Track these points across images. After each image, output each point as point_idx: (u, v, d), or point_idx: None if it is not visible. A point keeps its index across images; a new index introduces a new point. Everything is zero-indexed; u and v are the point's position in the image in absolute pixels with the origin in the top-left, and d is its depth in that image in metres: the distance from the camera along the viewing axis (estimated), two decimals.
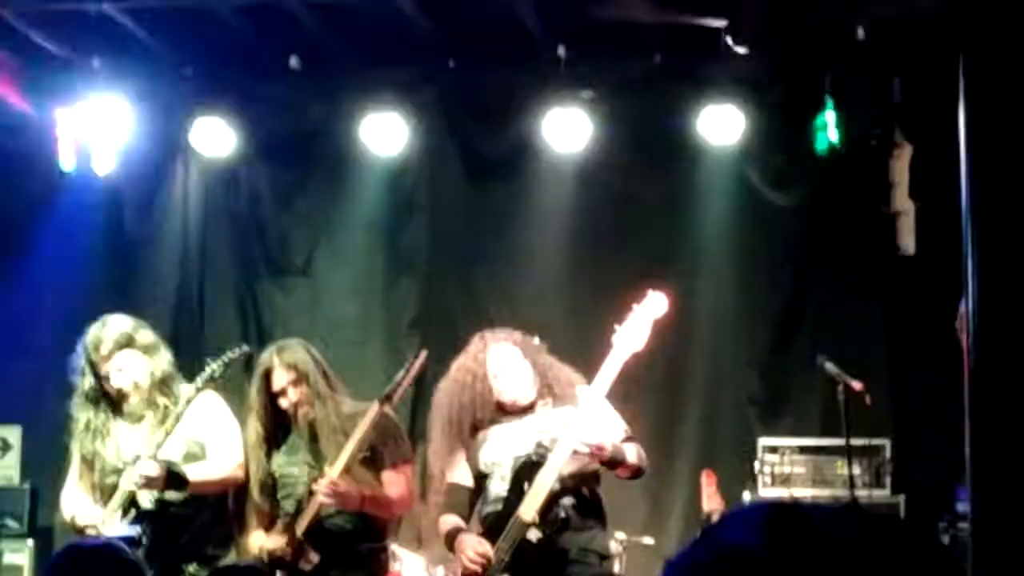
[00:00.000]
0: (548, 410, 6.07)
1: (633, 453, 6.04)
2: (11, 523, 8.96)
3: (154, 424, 6.53)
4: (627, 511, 7.91)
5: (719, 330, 9.03)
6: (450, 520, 6.15)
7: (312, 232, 9.56)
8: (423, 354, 6.66)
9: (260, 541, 6.44)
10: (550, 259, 9.20)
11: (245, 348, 6.86)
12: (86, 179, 9.28)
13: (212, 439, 6.64)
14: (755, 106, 8.75)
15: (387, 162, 9.25)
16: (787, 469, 8.39)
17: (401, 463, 6.59)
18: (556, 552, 5.86)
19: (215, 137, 9.23)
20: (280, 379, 6.51)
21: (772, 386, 8.94)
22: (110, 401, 6.64)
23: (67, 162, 9.20)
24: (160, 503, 6.47)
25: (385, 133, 9.05)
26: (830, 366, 7.48)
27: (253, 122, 9.27)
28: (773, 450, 8.46)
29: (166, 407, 6.53)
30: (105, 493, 6.56)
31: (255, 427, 6.58)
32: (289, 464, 6.55)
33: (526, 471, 5.90)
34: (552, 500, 5.83)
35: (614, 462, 5.97)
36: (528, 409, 6.13)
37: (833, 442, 8.03)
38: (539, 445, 5.91)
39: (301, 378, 6.51)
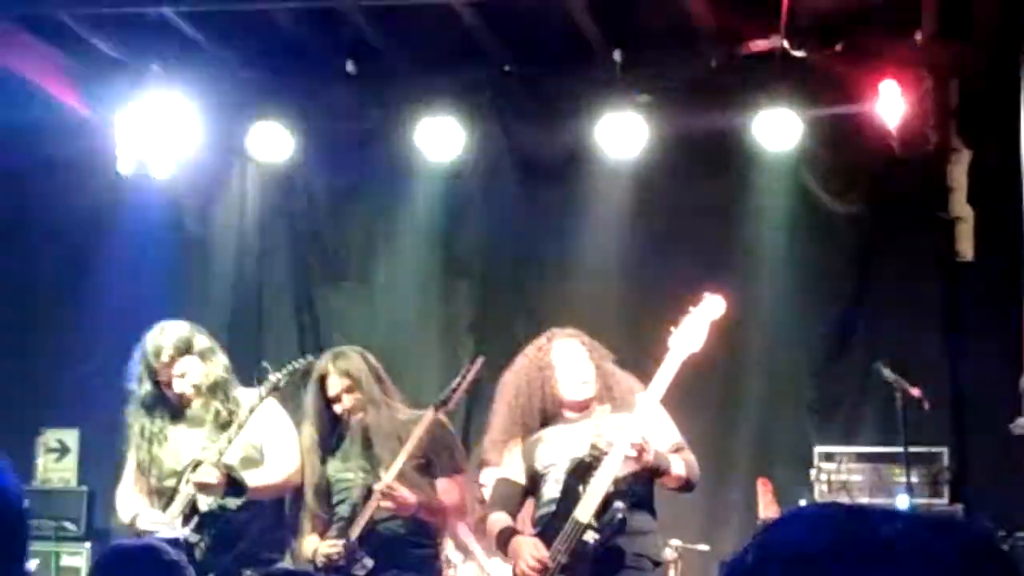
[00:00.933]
0: (605, 413, 6.03)
1: (680, 465, 5.95)
2: (69, 526, 9.00)
3: (213, 428, 6.56)
4: (683, 518, 7.87)
5: (775, 336, 8.98)
6: (501, 519, 6.09)
7: (368, 237, 9.58)
8: (479, 360, 6.64)
9: (314, 546, 6.45)
10: (606, 264, 9.19)
11: (309, 358, 6.86)
12: (144, 183, 9.34)
13: (270, 444, 6.66)
14: (812, 110, 8.69)
15: (443, 167, 9.27)
16: (844, 477, 8.32)
17: (454, 473, 6.59)
18: (611, 555, 5.83)
19: (272, 141, 9.27)
20: (334, 385, 6.54)
21: (829, 393, 8.89)
22: (168, 406, 6.67)
23: (125, 166, 9.27)
24: (219, 507, 6.50)
25: (441, 137, 9.07)
26: (887, 372, 7.42)
27: (310, 127, 9.31)
28: (829, 457, 8.39)
29: (227, 411, 6.56)
30: (163, 496, 6.58)
31: (310, 432, 6.61)
32: (344, 469, 6.56)
33: (580, 473, 5.86)
34: (607, 502, 5.80)
35: (657, 470, 5.90)
36: (585, 409, 6.10)
37: (890, 449, 7.96)
38: (593, 447, 5.86)
39: (355, 384, 6.52)
